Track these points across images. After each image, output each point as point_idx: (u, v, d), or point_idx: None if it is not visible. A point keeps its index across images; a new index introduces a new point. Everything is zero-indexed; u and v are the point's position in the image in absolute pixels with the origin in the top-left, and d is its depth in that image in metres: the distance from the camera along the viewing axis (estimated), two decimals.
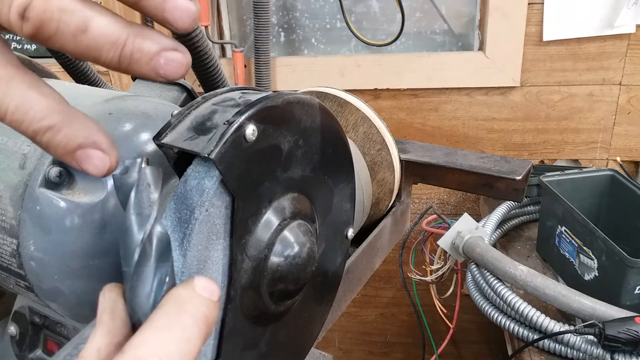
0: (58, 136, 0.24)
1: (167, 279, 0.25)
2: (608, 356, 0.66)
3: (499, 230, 1.01)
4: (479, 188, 0.65)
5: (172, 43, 0.25)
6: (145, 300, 0.25)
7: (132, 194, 0.25)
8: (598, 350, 0.68)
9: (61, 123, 0.24)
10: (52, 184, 0.35)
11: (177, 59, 0.24)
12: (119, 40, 0.24)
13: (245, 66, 1.24)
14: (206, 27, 1.18)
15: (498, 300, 0.78)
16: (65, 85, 0.48)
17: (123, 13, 0.24)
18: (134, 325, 0.25)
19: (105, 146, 0.25)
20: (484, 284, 0.81)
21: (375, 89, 1.23)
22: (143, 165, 0.26)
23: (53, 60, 0.65)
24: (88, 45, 0.23)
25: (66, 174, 0.36)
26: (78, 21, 0.23)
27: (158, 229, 0.25)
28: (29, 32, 0.23)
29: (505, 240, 1.03)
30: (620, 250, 0.73)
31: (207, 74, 0.62)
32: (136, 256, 0.24)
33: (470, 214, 0.86)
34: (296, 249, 0.36)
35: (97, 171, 0.25)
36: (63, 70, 0.65)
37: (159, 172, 0.26)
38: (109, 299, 0.26)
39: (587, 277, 0.82)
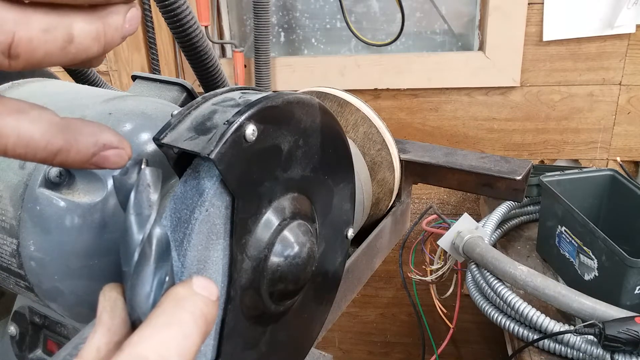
0: (69, 157, 0.23)
1: (167, 279, 0.26)
2: (608, 356, 0.66)
3: (499, 230, 1.01)
4: (479, 188, 0.65)
5: (125, 5, 0.24)
6: (144, 299, 0.25)
7: (132, 195, 0.25)
8: (598, 350, 0.68)
9: (66, 143, 0.23)
10: (52, 184, 0.35)
11: (136, 16, 0.24)
12: (99, 32, 0.23)
13: (245, 66, 1.23)
14: (206, 27, 1.18)
15: (498, 300, 0.78)
16: (65, 85, 0.48)
17: None
18: (134, 324, 0.25)
19: (116, 143, 0.25)
20: (484, 284, 0.81)
21: (375, 89, 1.22)
22: (143, 166, 0.26)
23: None
24: (76, 52, 0.22)
25: (66, 174, 0.36)
26: (62, 35, 0.22)
27: (158, 229, 0.25)
28: (18, 67, 0.21)
29: (505, 240, 1.03)
30: (620, 250, 0.73)
31: (207, 74, 0.62)
32: (136, 256, 0.24)
33: (470, 214, 0.86)
34: (296, 249, 0.36)
35: (116, 166, 0.25)
36: (63, 70, 0.65)
37: (159, 173, 0.26)
38: (109, 298, 0.26)
39: (587, 277, 0.82)
